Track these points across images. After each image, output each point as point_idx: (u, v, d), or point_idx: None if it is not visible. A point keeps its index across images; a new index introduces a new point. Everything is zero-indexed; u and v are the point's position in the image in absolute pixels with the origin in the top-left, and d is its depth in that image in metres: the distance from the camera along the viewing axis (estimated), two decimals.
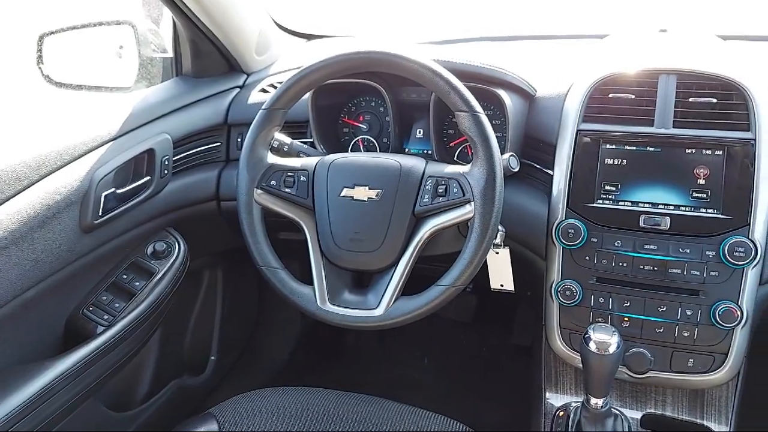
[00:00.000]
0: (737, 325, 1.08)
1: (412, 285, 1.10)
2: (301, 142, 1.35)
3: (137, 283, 1.34)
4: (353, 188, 1.12)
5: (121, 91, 1.46)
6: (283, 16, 1.84)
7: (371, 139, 1.44)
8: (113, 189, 1.25)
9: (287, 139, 1.30)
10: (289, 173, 1.15)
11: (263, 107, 1.15)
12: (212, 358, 1.88)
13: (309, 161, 1.18)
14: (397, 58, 1.07)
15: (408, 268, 1.08)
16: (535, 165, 1.28)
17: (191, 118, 1.47)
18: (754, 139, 1.08)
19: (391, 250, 1.09)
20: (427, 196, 1.09)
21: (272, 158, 1.17)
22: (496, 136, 1.08)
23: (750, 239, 1.07)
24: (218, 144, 1.54)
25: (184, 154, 1.46)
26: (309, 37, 1.96)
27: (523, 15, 2.02)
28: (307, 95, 1.35)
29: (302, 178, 1.15)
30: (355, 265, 1.13)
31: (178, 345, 1.77)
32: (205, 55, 1.57)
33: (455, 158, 1.37)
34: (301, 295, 1.12)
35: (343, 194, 1.12)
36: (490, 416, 1.80)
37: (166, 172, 1.38)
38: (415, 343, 2.15)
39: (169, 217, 1.44)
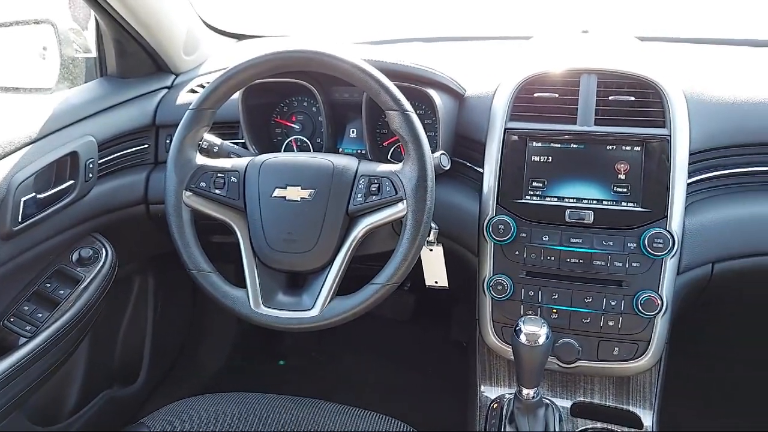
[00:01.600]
0: (658, 313, 1.13)
1: (348, 285, 1.10)
2: (232, 143, 1.33)
3: (62, 292, 1.29)
4: (285, 188, 1.11)
5: (42, 93, 1.40)
6: (213, 17, 1.81)
7: (304, 139, 1.44)
8: (33, 194, 1.20)
9: (217, 140, 1.27)
10: (219, 174, 1.13)
11: (191, 107, 1.12)
12: (144, 367, 1.82)
13: (240, 162, 1.16)
14: (328, 57, 1.07)
15: (343, 267, 1.08)
16: (466, 163, 1.30)
17: (117, 120, 1.42)
18: (670, 135, 1.13)
19: (326, 250, 1.09)
20: (360, 195, 1.09)
21: (201, 159, 1.15)
22: (428, 135, 1.10)
23: (668, 231, 1.12)
24: (146, 146, 1.50)
25: (110, 156, 1.41)
26: (240, 37, 1.93)
27: (452, 17, 2.06)
28: (237, 95, 1.33)
29: (233, 179, 1.13)
30: (289, 266, 1.12)
31: (107, 354, 1.71)
32: (131, 55, 1.52)
33: (389, 157, 1.38)
34: (233, 299, 1.10)
35: (275, 195, 1.11)
36: (430, 413, 1.82)
37: (90, 175, 1.33)
38: (354, 343, 2.15)
39: (96, 222, 1.39)
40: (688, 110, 1.16)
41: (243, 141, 1.38)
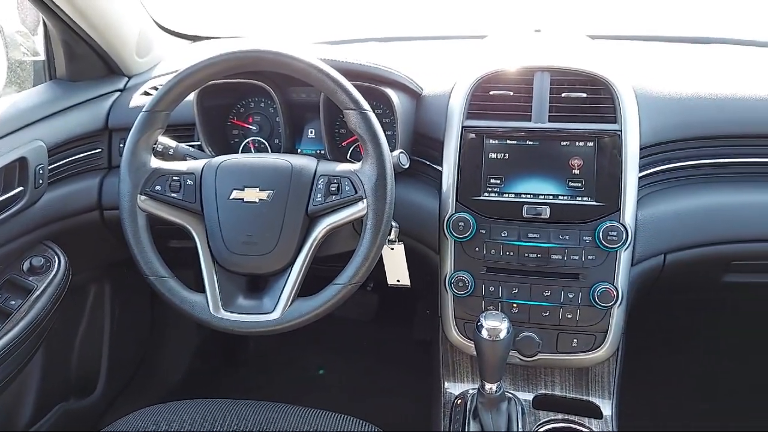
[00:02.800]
0: (614, 304, 1.16)
1: (310, 286, 1.09)
2: (188, 145, 1.31)
3: (13, 302, 1.25)
4: (243, 190, 1.10)
5: None
6: (167, 18, 1.78)
7: (262, 140, 1.42)
8: None
9: (172, 143, 1.25)
10: (174, 177, 1.11)
11: (144, 109, 1.10)
12: (101, 377, 1.78)
13: (196, 164, 1.14)
14: (283, 57, 1.06)
15: (304, 269, 1.08)
16: (425, 161, 1.31)
17: (67, 124, 1.39)
18: (621, 131, 1.16)
19: (286, 251, 1.08)
20: (319, 196, 1.08)
21: (156, 162, 1.13)
22: (387, 134, 1.10)
23: (621, 224, 1.15)
24: (99, 150, 1.46)
25: (62, 162, 1.38)
26: (194, 38, 1.91)
27: (407, 17, 2.07)
28: (192, 96, 1.31)
29: (189, 182, 1.12)
30: (248, 269, 1.11)
31: (63, 366, 1.66)
32: (81, 58, 1.48)
33: (348, 157, 1.38)
34: (192, 304, 1.08)
35: (232, 197, 1.10)
36: (395, 412, 1.82)
37: (41, 181, 1.29)
38: (318, 345, 2.14)
39: (47, 230, 1.35)
40: (637, 106, 1.19)
41: (199, 143, 1.36)
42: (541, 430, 1.24)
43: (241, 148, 1.43)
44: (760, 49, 1.55)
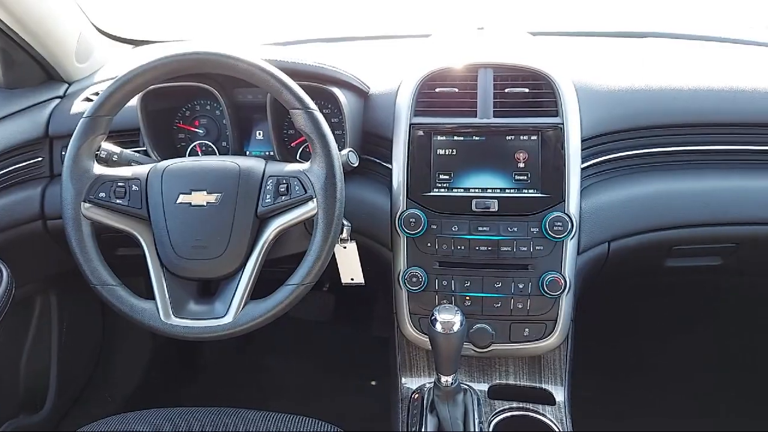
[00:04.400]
0: (562, 292, 1.19)
1: (264, 289, 1.09)
2: (134, 151, 1.29)
3: None
4: (190, 194, 1.08)
5: None
6: (108, 22, 1.75)
7: (209, 143, 1.41)
8: None
9: (116, 149, 1.23)
10: (119, 183, 1.09)
11: (85, 115, 1.08)
12: (51, 391, 1.73)
13: (141, 169, 1.12)
14: (226, 58, 1.06)
15: (255, 271, 1.07)
16: (375, 159, 1.32)
17: (5, 133, 1.35)
18: (562, 124, 1.19)
19: (236, 254, 1.08)
20: (269, 197, 1.08)
21: (100, 169, 1.10)
22: (335, 134, 1.10)
23: (566, 214, 1.18)
24: (40, 159, 1.42)
25: (1, 172, 1.34)
26: (137, 42, 1.87)
27: (353, 17, 2.08)
28: (136, 101, 1.29)
29: (134, 188, 1.10)
30: (199, 274, 1.09)
31: (9, 382, 1.61)
32: (18, 65, 1.44)
33: (297, 157, 1.38)
34: (142, 311, 1.06)
35: (179, 201, 1.08)
36: (356, 410, 1.83)
37: None
38: (276, 348, 2.13)
39: None
40: (578, 99, 1.22)
41: (144, 149, 1.34)
42: (497, 419, 1.26)
43: (188, 152, 1.41)
44: (691, 42, 1.62)
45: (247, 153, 1.40)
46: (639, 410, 1.85)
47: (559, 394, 1.31)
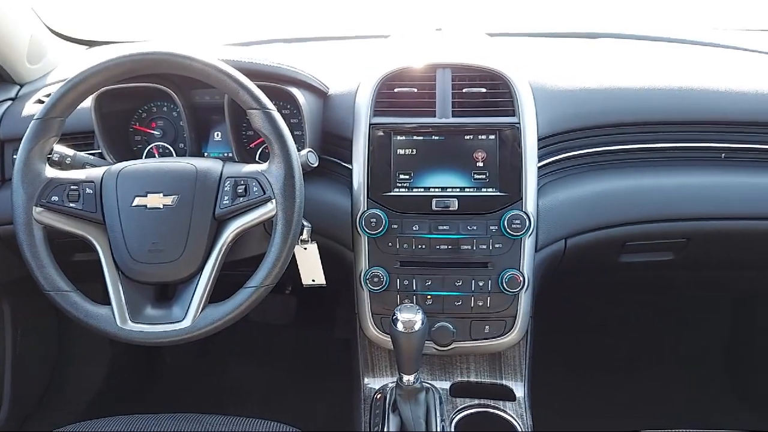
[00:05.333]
0: (521, 289, 1.21)
1: (223, 292, 1.07)
2: (88, 153, 1.26)
3: None
4: (146, 196, 1.07)
5: None
6: (61, 23, 1.71)
7: (166, 145, 1.39)
8: None
9: (69, 151, 1.20)
10: (72, 186, 1.07)
11: (36, 117, 1.05)
12: (6, 402, 1.68)
13: (95, 172, 1.10)
14: (181, 58, 1.04)
15: (214, 274, 1.06)
16: (335, 160, 1.31)
17: None
18: (519, 123, 1.21)
19: (194, 257, 1.06)
20: (227, 198, 1.07)
21: (52, 172, 1.08)
22: (295, 134, 1.10)
23: (524, 212, 1.20)
24: None
25: None
26: (91, 43, 1.84)
27: (312, 18, 2.08)
28: (89, 102, 1.26)
29: (88, 191, 1.07)
30: (156, 278, 1.08)
31: None
32: None
33: (257, 158, 1.37)
34: (98, 317, 1.04)
35: (135, 203, 1.06)
36: (319, 412, 1.83)
37: None
38: (238, 351, 2.10)
39: None
40: (534, 99, 1.24)
41: (99, 151, 1.31)
42: (459, 416, 1.27)
43: (144, 154, 1.39)
44: (642, 43, 1.66)
45: (206, 154, 1.38)
46: (598, 403, 1.89)
47: (519, 390, 1.33)
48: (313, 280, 1.30)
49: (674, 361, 2.06)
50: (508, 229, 1.20)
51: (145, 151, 1.39)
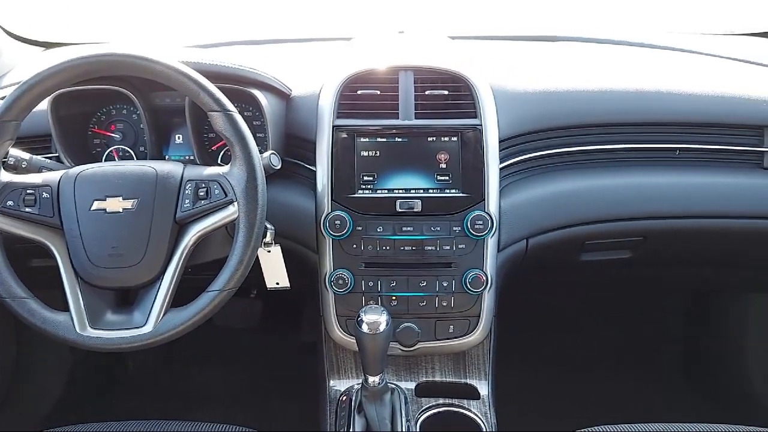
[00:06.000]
0: (484, 289, 1.22)
1: (186, 296, 1.06)
2: (45, 157, 1.24)
3: None
4: (105, 200, 1.05)
5: None
6: (17, 25, 1.67)
7: (127, 149, 1.36)
8: None
9: (25, 155, 1.18)
10: (29, 191, 1.05)
11: None
12: None
13: (52, 176, 1.08)
14: (140, 60, 1.03)
15: (175, 278, 1.05)
16: (299, 162, 1.31)
17: None
18: (481, 125, 1.23)
19: (155, 261, 1.05)
20: (188, 201, 1.06)
21: (7, 176, 1.06)
22: (257, 137, 1.09)
23: (486, 213, 1.21)
24: None
25: None
26: (48, 45, 1.80)
27: (274, 19, 2.07)
28: (46, 105, 1.23)
29: (45, 195, 1.05)
30: (116, 283, 1.06)
31: None
32: None
33: (219, 161, 1.35)
34: (56, 324, 1.02)
35: (94, 208, 1.05)
36: (284, 416, 1.82)
37: None
38: (203, 357, 2.08)
39: None
40: (495, 101, 1.26)
41: (57, 155, 1.28)
42: (424, 416, 1.28)
43: (104, 158, 1.36)
44: (599, 46, 1.70)
45: (167, 158, 1.36)
46: (560, 400, 1.92)
47: (483, 389, 1.34)
48: (277, 283, 1.30)
49: (634, 357, 2.11)
50: (471, 230, 1.21)
51: (105, 154, 1.36)
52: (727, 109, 1.36)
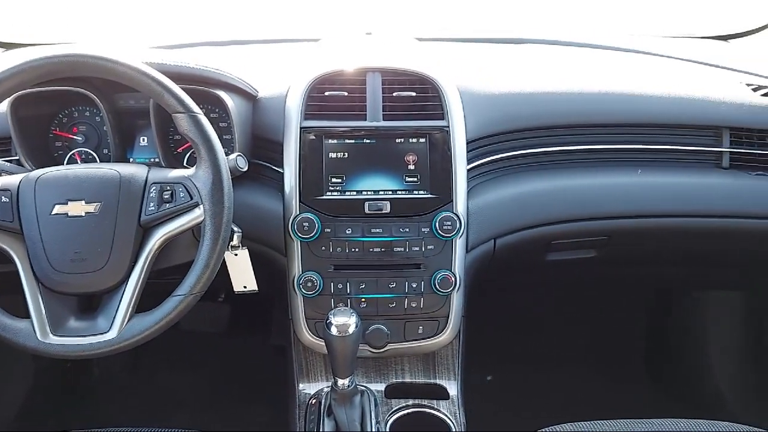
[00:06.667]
0: (453, 289, 1.23)
1: (151, 301, 1.05)
2: (4, 160, 1.21)
3: None
4: (67, 204, 1.03)
5: None
6: None
7: (90, 151, 1.34)
8: None
9: None
10: None
11: None
12: None
13: (11, 179, 1.06)
14: (103, 61, 1.01)
15: (140, 283, 1.03)
16: (266, 164, 1.30)
17: None
18: (448, 127, 1.23)
19: (119, 266, 1.03)
20: (152, 204, 1.04)
21: None
22: (224, 139, 1.08)
23: (454, 213, 1.22)
24: None
25: None
26: (8, 45, 1.76)
27: (241, 20, 2.06)
28: (5, 107, 1.20)
29: (4, 199, 1.03)
30: (79, 288, 1.04)
31: None
32: None
33: (184, 164, 1.33)
34: (16, 331, 1.00)
35: (55, 212, 1.02)
36: (253, 420, 1.80)
37: None
38: (171, 362, 2.05)
39: None
40: (462, 103, 1.27)
41: (17, 158, 1.25)
42: (393, 417, 1.28)
43: (66, 161, 1.33)
44: (565, 48, 1.73)
45: (131, 160, 1.34)
46: (529, 399, 1.95)
47: (453, 389, 1.35)
48: (245, 287, 1.28)
49: (600, 354, 2.14)
50: (439, 231, 1.21)
51: (67, 157, 1.33)
52: (687, 110, 1.39)
